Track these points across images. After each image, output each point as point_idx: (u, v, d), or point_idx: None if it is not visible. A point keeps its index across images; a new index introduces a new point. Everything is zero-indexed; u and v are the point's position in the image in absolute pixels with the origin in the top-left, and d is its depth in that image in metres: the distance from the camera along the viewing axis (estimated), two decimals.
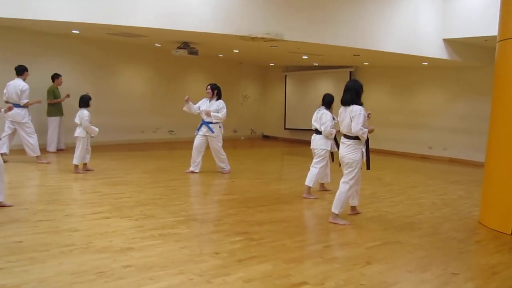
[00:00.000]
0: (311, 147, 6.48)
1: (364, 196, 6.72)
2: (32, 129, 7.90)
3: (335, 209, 5.05)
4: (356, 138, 4.99)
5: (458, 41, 9.80)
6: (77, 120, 7.33)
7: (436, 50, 9.82)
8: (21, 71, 7.99)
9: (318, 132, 6.36)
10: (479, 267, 3.97)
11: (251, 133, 16.07)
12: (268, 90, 16.38)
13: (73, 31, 9.50)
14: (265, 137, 16.34)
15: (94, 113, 10.35)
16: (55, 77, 9.95)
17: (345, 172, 5.10)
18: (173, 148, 8.82)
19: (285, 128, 15.53)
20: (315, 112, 6.46)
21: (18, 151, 8.95)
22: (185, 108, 7.75)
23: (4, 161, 6.28)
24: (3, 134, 7.60)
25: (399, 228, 5.15)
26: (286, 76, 15.41)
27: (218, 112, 7.69)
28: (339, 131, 5.83)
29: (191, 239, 4.27)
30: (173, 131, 13.00)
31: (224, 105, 7.81)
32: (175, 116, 12.16)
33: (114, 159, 9.10)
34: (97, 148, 10.18)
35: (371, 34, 9.14)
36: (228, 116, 14.79)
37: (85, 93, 7.60)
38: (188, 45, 9.95)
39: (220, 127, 7.85)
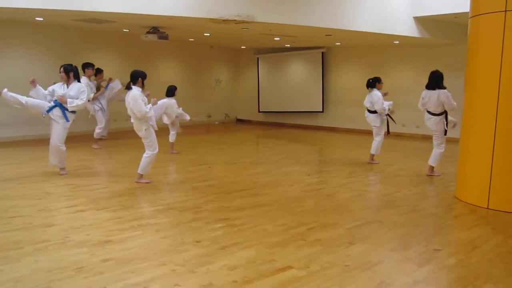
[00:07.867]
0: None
1: (342, 176, 6.76)
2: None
3: (432, 162, 6.77)
4: (440, 114, 6.46)
5: (429, 19, 9.86)
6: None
7: (407, 28, 9.86)
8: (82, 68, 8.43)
9: (370, 111, 7.71)
10: (459, 242, 4.03)
11: (225, 117, 15.93)
12: (241, 74, 16.22)
13: (37, 19, 9.11)
14: (239, 121, 16.24)
15: None
16: (98, 71, 9.63)
17: (435, 139, 6.67)
18: None
19: (259, 111, 15.45)
20: (368, 95, 7.68)
21: None
22: (32, 93, 6.25)
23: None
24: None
25: (379, 207, 5.18)
26: (258, 58, 15.27)
27: (77, 98, 6.19)
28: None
29: (171, 228, 4.19)
30: None
31: (85, 89, 6.38)
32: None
33: (87, 150, 8.83)
34: (69, 139, 9.88)
35: (343, 14, 9.10)
36: (201, 101, 14.96)
37: (172, 85, 8.29)
38: (157, 30, 9.71)
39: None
